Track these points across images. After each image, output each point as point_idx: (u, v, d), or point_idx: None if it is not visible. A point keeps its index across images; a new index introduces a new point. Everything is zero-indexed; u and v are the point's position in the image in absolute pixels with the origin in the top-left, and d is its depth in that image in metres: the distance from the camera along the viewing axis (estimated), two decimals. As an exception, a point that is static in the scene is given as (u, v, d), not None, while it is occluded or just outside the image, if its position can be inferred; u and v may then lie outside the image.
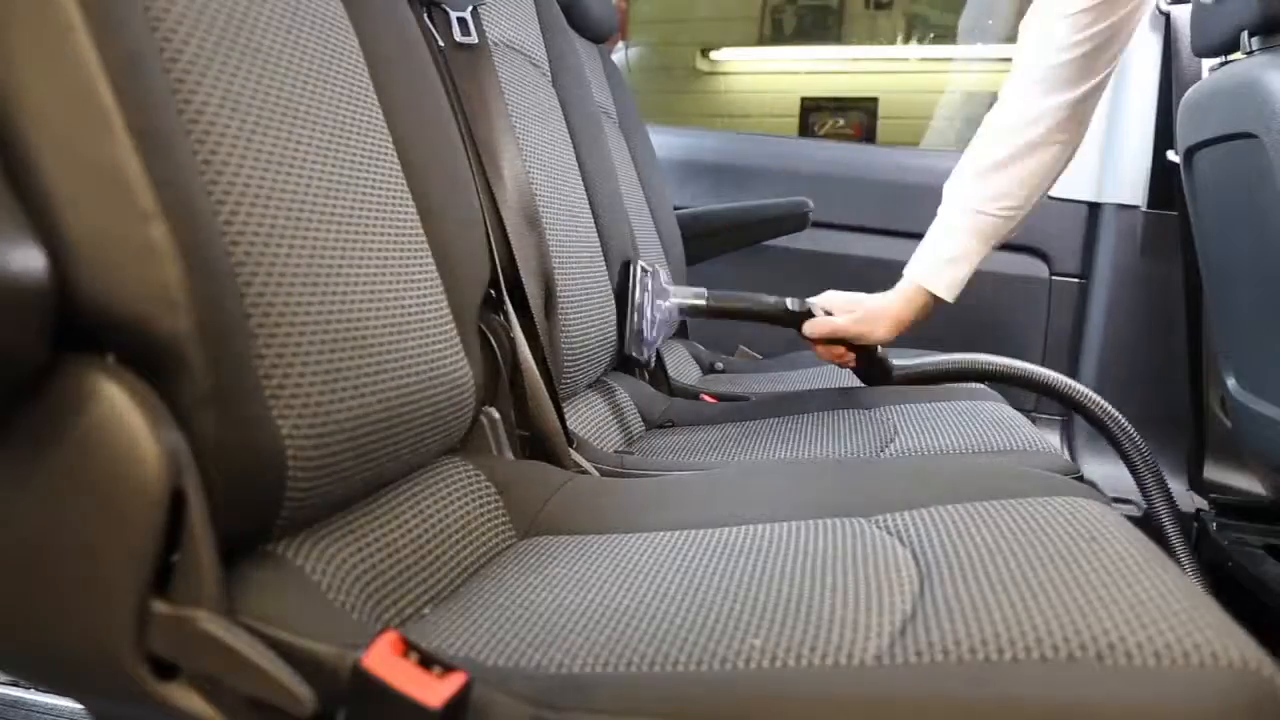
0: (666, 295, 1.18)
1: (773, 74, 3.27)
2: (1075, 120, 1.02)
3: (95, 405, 0.39)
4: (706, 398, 1.27)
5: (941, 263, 1.06)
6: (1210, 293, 1.33)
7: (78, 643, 0.41)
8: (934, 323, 1.10)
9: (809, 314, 1.11)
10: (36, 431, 0.40)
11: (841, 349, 1.13)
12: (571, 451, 0.84)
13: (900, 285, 1.09)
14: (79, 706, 0.82)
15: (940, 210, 1.09)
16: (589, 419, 1.03)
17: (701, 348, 1.62)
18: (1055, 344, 1.73)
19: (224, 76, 0.49)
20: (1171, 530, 1.09)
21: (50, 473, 0.40)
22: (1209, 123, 1.20)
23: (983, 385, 1.21)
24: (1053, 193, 1.69)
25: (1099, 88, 1.02)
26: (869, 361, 1.14)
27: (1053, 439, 1.70)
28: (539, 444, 0.82)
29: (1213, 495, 1.50)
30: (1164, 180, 1.61)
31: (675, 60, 3.27)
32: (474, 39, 0.90)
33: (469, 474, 0.68)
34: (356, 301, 0.56)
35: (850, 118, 3.02)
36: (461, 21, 0.90)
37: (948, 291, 1.07)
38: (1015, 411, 1.04)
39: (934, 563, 0.50)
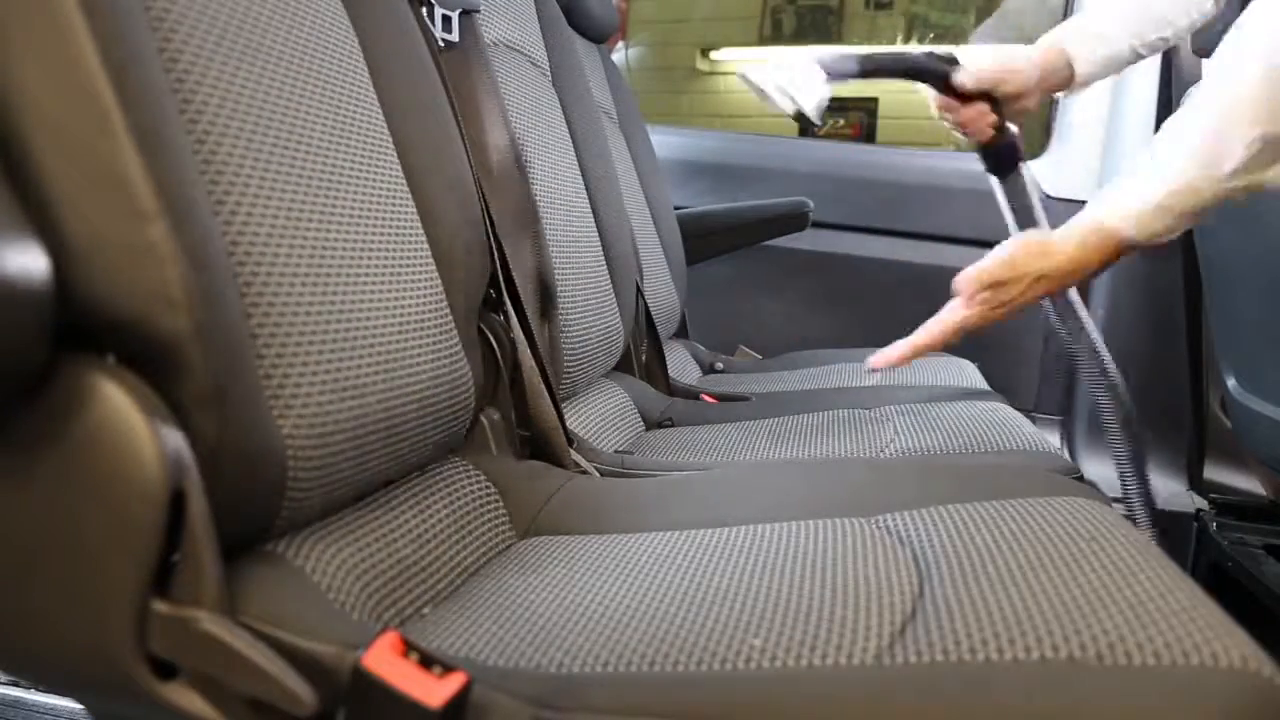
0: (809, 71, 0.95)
1: (773, 74, 3.26)
2: None
3: (95, 405, 0.39)
4: (706, 398, 1.27)
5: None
6: (1210, 293, 1.33)
7: (78, 643, 0.41)
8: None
9: (954, 62, 1.00)
10: (36, 431, 0.40)
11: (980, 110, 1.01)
12: (571, 451, 0.84)
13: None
14: (79, 706, 0.82)
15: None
16: (589, 419, 1.03)
17: (702, 348, 1.62)
18: (1055, 344, 1.73)
19: (224, 76, 0.49)
20: None
21: (50, 473, 0.40)
22: (1209, 123, 1.19)
23: (986, 387, 1.21)
24: (1052, 193, 1.72)
25: None
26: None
27: (1053, 439, 1.70)
28: (539, 444, 0.81)
29: (1213, 495, 1.50)
30: (1164, 180, 1.60)
31: (675, 60, 3.27)
32: (455, 37, 0.90)
33: (469, 474, 0.68)
34: (357, 301, 0.56)
35: (850, 118, 3.03)
36: (446, 20, 0.90)
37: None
38: (1015, 411, 1.04)
39: (934, 563, 0.50)
